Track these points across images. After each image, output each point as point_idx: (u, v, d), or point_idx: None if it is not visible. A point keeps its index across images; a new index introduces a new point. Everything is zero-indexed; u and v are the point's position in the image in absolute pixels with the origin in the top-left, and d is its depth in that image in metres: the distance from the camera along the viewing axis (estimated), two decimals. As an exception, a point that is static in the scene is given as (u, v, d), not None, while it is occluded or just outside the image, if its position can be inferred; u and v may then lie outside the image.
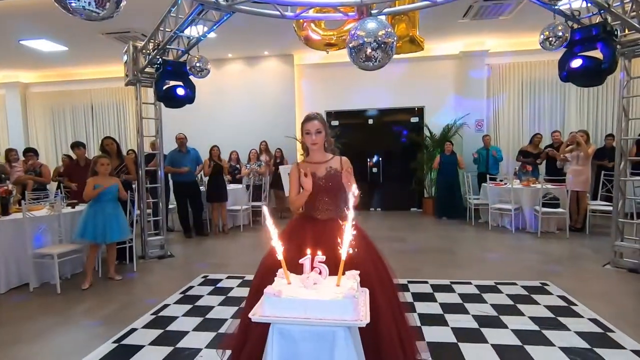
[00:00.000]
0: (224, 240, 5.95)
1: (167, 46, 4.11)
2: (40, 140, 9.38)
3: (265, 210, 1.62)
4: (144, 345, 2.65)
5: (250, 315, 1.45)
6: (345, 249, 1.51)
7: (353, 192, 1.78)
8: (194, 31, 3.89)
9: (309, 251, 1.62)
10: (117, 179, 4.10)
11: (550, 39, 3.30)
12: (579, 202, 5.80)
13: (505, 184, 6.24)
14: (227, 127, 8.26)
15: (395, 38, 2.69)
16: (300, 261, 1.61)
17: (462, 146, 7.51)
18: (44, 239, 3.96)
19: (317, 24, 3.47)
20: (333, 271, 1.62)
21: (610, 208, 5.76)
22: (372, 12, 2.89)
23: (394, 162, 8.24)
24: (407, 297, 3.34)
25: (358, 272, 1.66)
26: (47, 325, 3.03)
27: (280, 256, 1.57)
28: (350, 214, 1.56)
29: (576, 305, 3.18)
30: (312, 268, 1.61)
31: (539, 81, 7.71)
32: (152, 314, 3.18)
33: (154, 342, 2.70)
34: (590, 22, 3.56)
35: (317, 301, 1.43)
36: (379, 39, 2.66)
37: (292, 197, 2.26)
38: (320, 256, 1.60)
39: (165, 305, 3.36)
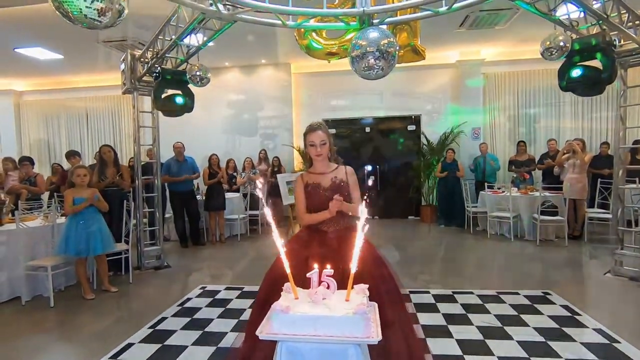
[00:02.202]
0: (221, 250, 5.86)
1: (166, 55, 4.09)
2: (33, 148, 9.27)
3: (275, 229, 1.55)
4: (142, 361, 2.57)
5: (257, 332, 1.40)
6: (355, 262, 1.47)
7: (359, 206, 1.72)
8: (193, 40, 3.87)
9: (316, 265, 1.58)
10: (95, 189, 3.93)
11: (552, 49, 3.32)
12: (576, 209, 5.82)
13: (503, 192, 6.25)
14: (223, 135, 8.22)
15: (397, 47, 2.69)
16: (308, 275, 1.56)
17: (459, 154, 7.53)
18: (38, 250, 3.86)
19: (318, 33, 3.48)
20: (341, 285, 1.58)
21: (607, 216, 5.83)
22: (374, 21, 2.89)
23: (391, 170, 8.24)
24: (409, 307, 3.30)
25: (367, 286, 1.62)
26: (40, 342, 2.93)
27: (287, 270, 1.53)
28: (360, 226, 1.52)
29: (580, 315, 3.15)
30: (320, 282, 1.57)
31: (533, 90, 7.78)
32: (149, 328, 3.09)
33: (152, 358, 2.62)
34: (588, 32, 3.60)
35: (327, 317, 1.38)
36: (382, 48, 2.65)
37: (301, 212, 2.21)
38: (328, 270, 1.56)
39: (163, 319, 3.28)
